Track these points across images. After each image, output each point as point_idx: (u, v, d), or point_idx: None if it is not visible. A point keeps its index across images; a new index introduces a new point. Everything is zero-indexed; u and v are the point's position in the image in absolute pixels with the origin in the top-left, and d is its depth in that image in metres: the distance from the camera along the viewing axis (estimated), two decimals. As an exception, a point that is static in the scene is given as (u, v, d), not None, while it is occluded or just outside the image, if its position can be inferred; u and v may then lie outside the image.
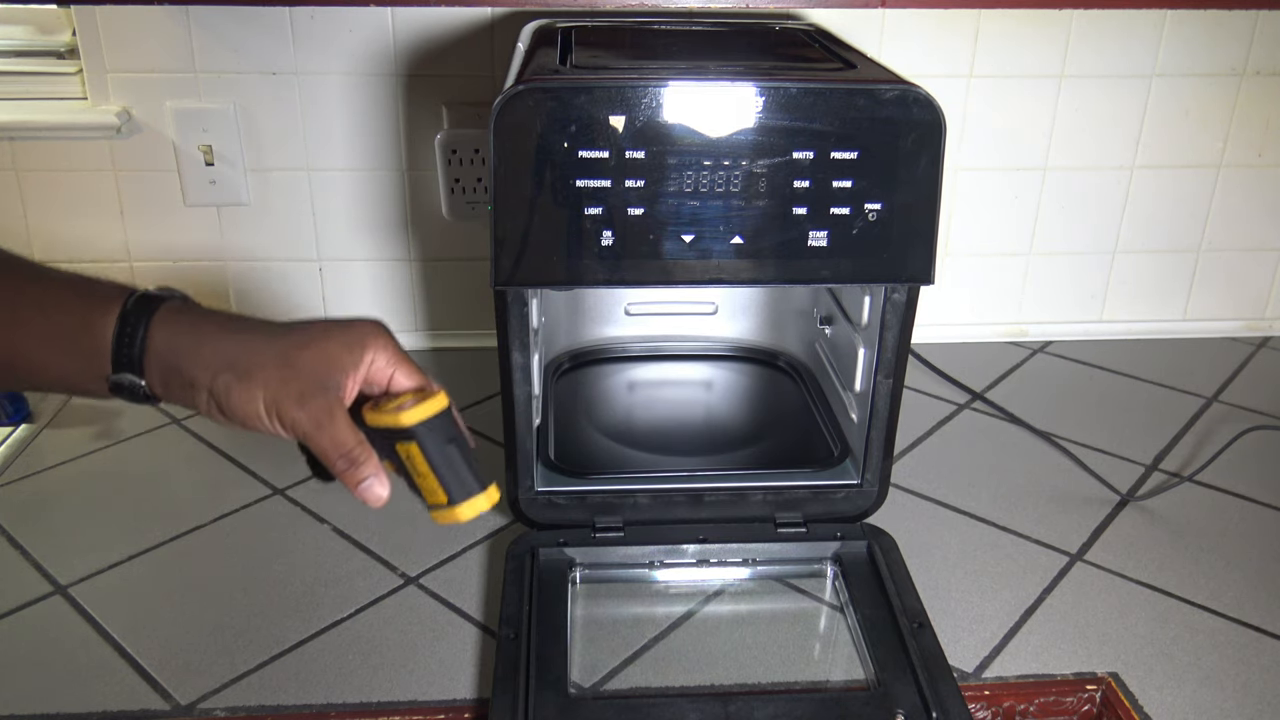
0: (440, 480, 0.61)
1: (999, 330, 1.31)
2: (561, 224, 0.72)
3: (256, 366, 0.59)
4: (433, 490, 0.61)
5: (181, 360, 0.59)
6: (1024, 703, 0.75)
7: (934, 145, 0.71)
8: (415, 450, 0.61)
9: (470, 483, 0.62)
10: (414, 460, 0.61)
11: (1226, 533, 0.92)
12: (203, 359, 0.59)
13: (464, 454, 0.62)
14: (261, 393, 0.58)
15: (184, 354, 0.59)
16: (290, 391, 0.58)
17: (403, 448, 0.61)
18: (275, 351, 0.60)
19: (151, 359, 0.59)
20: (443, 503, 0.61)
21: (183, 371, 0.59)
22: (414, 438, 0.60)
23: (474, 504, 0.61)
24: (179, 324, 0.60)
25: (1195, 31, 1.17)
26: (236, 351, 0.59)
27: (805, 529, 0.86)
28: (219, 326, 0.61)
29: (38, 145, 1.13)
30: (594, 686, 0.73)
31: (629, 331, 1.13)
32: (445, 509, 0.61)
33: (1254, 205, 1.26)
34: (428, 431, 0.61)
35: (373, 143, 1.16)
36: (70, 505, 0.95)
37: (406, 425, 0.60)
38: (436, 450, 0.61)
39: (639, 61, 0.82)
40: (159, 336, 0.59)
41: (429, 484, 0.61)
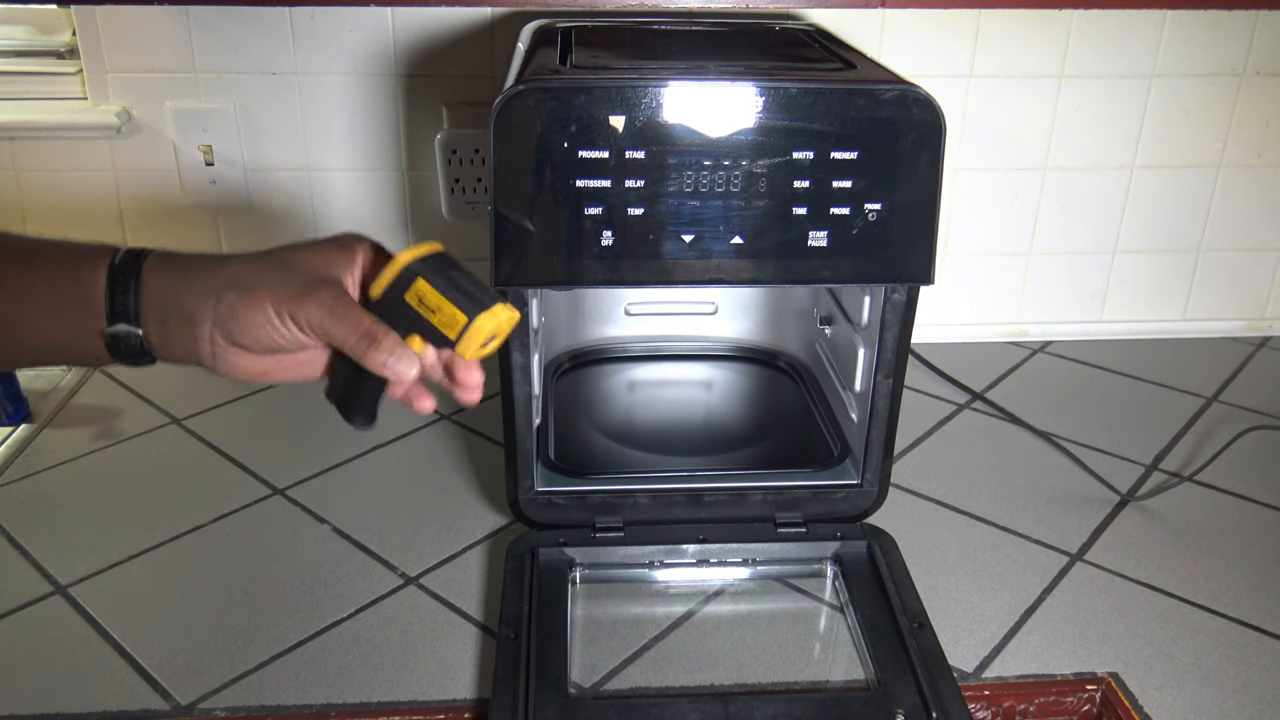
0: (454, 302, 0.60)
1: (999, 330, 1.31)
2: (561, 224, 0.72)
3: (257, 278, 0.59)
4: (451, 319, 0.60)
5: (180, 294, 0.58)
6: (1024, 703, 0.75)
7: (934, 145, 0.71)
8: (423, 284, 0.60)
9: (484, 297, 0.60)
10: (425, 298, 0.60)
11: (1226, 533, 0.92)
12: (201, 286, 0.58)
13: (471, 277, 0.61)
14: (268, 298, 0.58)
15: (181, 288, 0.59)
16: (296, 290, 0.58)
17: (412, 294, 0.60)
18: (271, 263, 0.60)
19: (147, 303, 0.58)
20: (463, 323, 0.59)
21: (182, 304, 0.58)
22: (417, 274, 0.60)
23: (494, 312, 0.60)
24: (170, 265, 0.60)
25: (1195, 31, 1.17)
26: (233, 272, 0.59)
27: (805, 529, 0.86)
28: (210, 259, 0.60)
29: (38, 145, 1.14)
30: (594, 686, 0.73)
31: (629, 331, 1.13)
32: (467, 330, 0.59)
33: (1254, 205, 1.26)
34: (428, 265, 0.61)
35: (373, 143, 1.16)
36: (70, 505, 0.95)
37: (406, 263, 0.60)
38: (440, 277, 0.60)
39: (639, 61, 0.82)
40: (152, 279, 0.58)
41: (445, 315, 0.60)
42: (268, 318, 0.58)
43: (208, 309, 0.58)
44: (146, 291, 0.58)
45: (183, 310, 0.58)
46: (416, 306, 0.60)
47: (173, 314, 0.58)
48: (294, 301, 0.58)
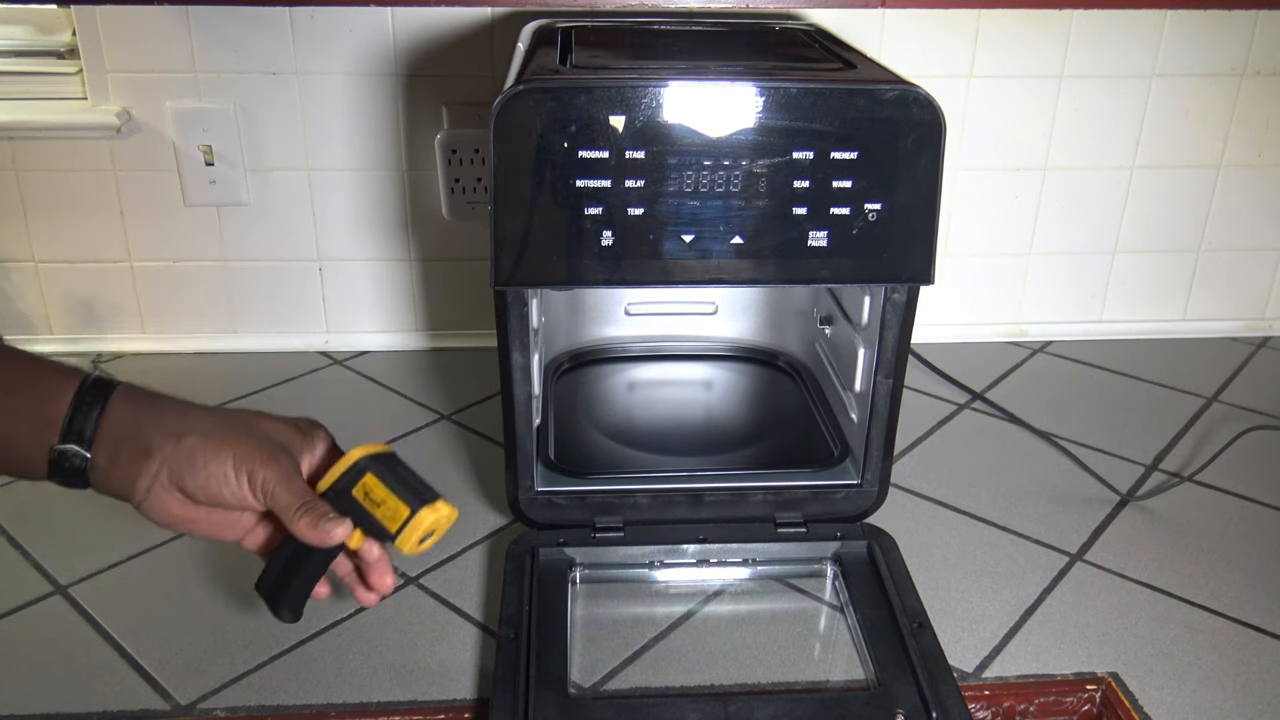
0: (399, 495, 0.63)
1: (999, 330, 1.31)
2: (561, 224, 0.72)
3: (223, 432, 0.61)
4: (394, 512, 0.63)
5: (141, 427, 0.60)
6: (1024, 703, 0.75)
7: (934, 145, 0.71)
8: (370, 479, 0.63)
9: (427, 494, 0.64)
10: (372, 493, 0.63)
11: (1226, 533, 0.92)
12: (165, 425, 0.60)
13: (417, 476, 0.65)
14: (231, 452, 0.60)
15: (144, 422, 0.60)
16: (260, 452, 0.61)
17: (359, 489, 0.63)
18: (238, 422, 0.63)
19: (106, 430, 0.59)
20: (405, 516, 0.63)
21: (140, 438, 0.60)
22: (366, 470, 0.63)
23: (435, 508, 0.63)
24: (138, 396, 0.62)
25: (1195, 31, 1.17)
26: (201, 419, 0.62)
27: (805, 529, 0.86)
28: (179, 401, 0.63)
29: (38, 145, 1.14)
30: (594, 686, 0.73)
31: (629, 331, 1.13)
32: (409, 522, 0.62)
33: (1254, 205, 1.26)
34: (378, 462, 0.64)
35: (373, 143, 1.16)
36: (70, 505, 0.95)
37: (357, 459, 0.64)
38: (389, 473, 0.64)
39: (639, 61, 0.82)
40: (118, 409, 0.60)
41: (389, 508, 0.63)
42: (225, 469, 0.60)
43: (167, 447, 0.60)
44: (109, 419, 0.60)
45: (141, 443, 0.60)
46: (362, 500, 0.63)
47: (129, 445, 0.60)
48: (255, 462, 0.60)
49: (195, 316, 1.23)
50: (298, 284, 1.22)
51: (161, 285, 1.21)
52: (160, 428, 0.60)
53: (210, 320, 1.23)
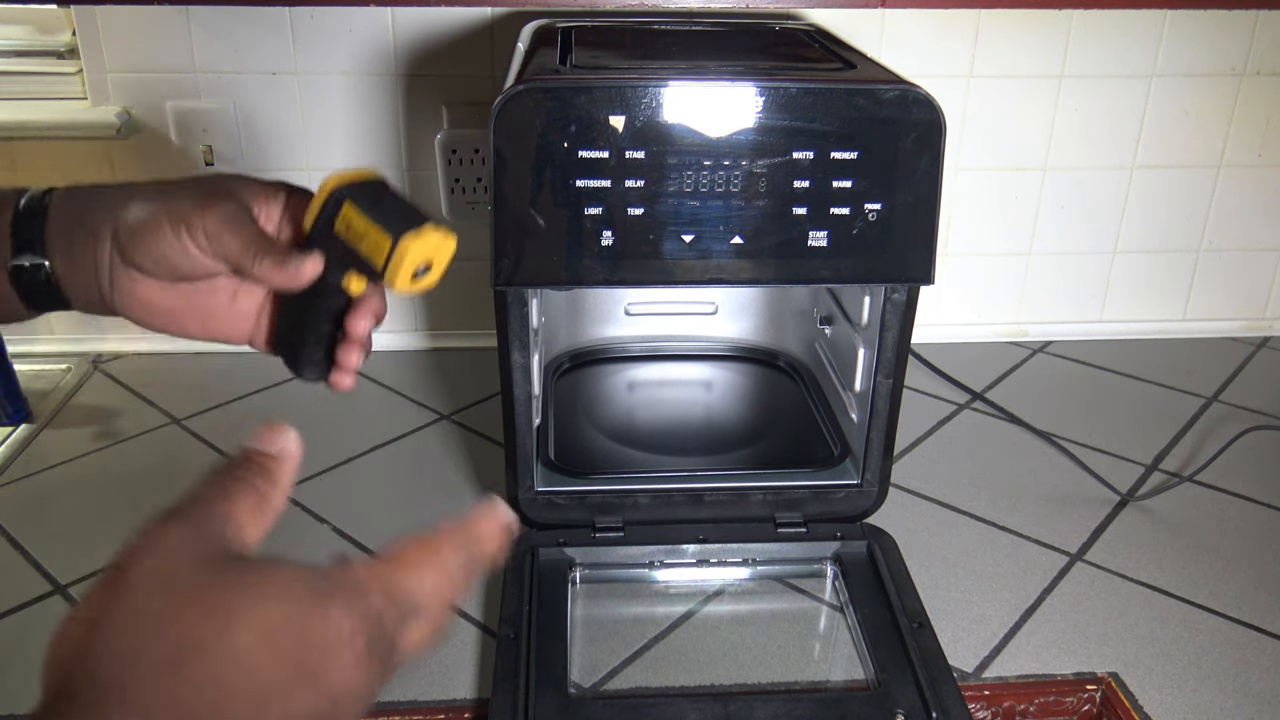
0: (380, 225, 0.53)
1: (999, 330, 1.31)
2: (561, 224, 0.72)
3: (161, 194, 0.56)
4: (378, 243, 0.53)
5: (84, 212, 0.56)
6: (1024, 703, 0.75)
7: (934, 145, 0.71)
8: (349, 210, 0.54)
9: (413, 219, 0.54)
10: (353, 225, 0.54)
11: (1226, 533, 0.92)
12: (106, 202, 0.56)
13: (405, 202, 0.55)
14: (166, 210, 0.54)
15: (86, 206, 0.56)
16: (196, 203, 0.55)
17: (340, 222, 0.54)
18: (182, 181, 0.57)
19: (54, 228, 0.56)
20: (388, 247, 0.53)
21: (85, 220, 0.56)
22: (344, 199, 0.54)
23: (422, 235, 0.53)
24: (80, 191, 0.57)
25: (1195, 31, 1.17)
26: (143, 189, 0.56)
27: (805, 529, 0.86)
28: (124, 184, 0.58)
29: (38, 145, 1.13)
30: (594, 686, 0.73)
31: (629, 331, 1.13)
32: (394, 255, 0.53)
33: (1254, 205, 1.26)
34: (358, 190, 0.55)
35: (373, 143, 1.16)
36: (70, 505, 0.95)
37: (332, 188, 0.55)
38: (371, 201, 0.54)
39: (639, 61, 0.82)
40: (61, 206, 0.56)
41: (371, 240, 0.53)
42: (161, 228, 0.54)
43: (109, 223, 0.55)
44: (52, 220, 0.56)
45: (86, 226, 0.55)
46: (346, 235, 0.54)
47: (79, 234, 0.56)
48: (192, 213, 0.54)
49: (195, 316, 1.23)
50: (298, 284, 1.22)
51: (161, 285, 1.21)
52: (102, 206, 0.56)
53: (210, 320, 1.23)
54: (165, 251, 0.55)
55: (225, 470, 0.41)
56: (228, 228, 0.54)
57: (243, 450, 0.42)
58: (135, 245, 0.55)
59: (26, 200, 0.57)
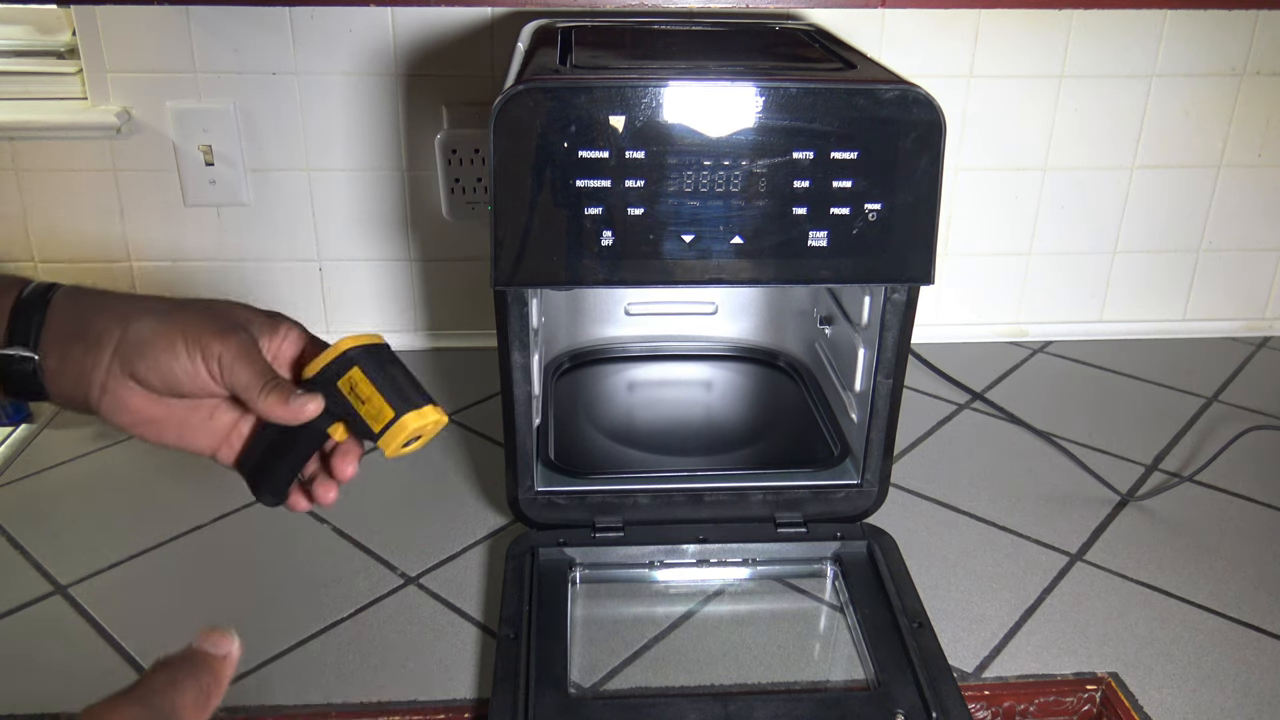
0: (384, 396, 0.58)
1: (999, 330, 1.31)
2: (561, 224, 0.72)
3: (174, 312, 0.57)
4: (378, 411, 0.58)
5: (89, 317, 0.57)
6: (1024, 703, 0.75)
7: (934, 145, 0.71)
8: (357, 374, 0.59)
9: (415, 397, 0.59)
10: (357, 387, 0.58)
11: (1226, 533, 0.92)
12: (113, 312, 0.57)
13: (408, 375, 0.60)
14: (181, 331, 0.56)
15: (90, 313, 0.57)
16: (213, 329, 0.57)
17: (344, 382, 0.59)
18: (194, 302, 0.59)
19: (51, 329, 0.56)
20: (390, 418, 0.58)
21: (90, 326, 0.56)
22: (354, 362, 0.59)
23: (422, 413, 0.59)
24: (83, 295, 0.58)
25: (1195, 31, 1.17)
26: (152, 303, 0.58)
27: (805, 529, 0.86)
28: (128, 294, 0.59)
29: (38, 145, 1.13)
30: (594, 686, 0.73)
31: (629, 331, 1.13)
32: (393, 425, 0.58)
33: (1254, 205, 1.26)
34: (367, 355, 0.59)
35: (373, 143, 1.16)
36: (70, 505, 0.95)
37: (345, 349, 0.59)
38: (377, 369, 0.59)
39: (639, 61, 0.82)
40: (61, 307, 0.57)
41: (373, 406, 0.58)
42: (176, 347, 0.56)
43: (116, 332, 0.56)
44: (53, 318, 0.57)
45: (89, 333, 0.57)
46: (347, 394, 0.59)
47: (79, 338, 0.57)
48: (208, 337, 0.56)
49: (195, 316, 1.23)
50: (298, 284, 1.22)
51: (161, 285, 1.21)
52: (107, 315, 0.57)
53: (210, 320, 1.23)
54: (176, 371, 0.57)
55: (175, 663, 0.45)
56: (241, 359, 0.57)
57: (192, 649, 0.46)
58: (144, 360, 0.56)
59: (29, 291, 0.58)
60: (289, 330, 0.62)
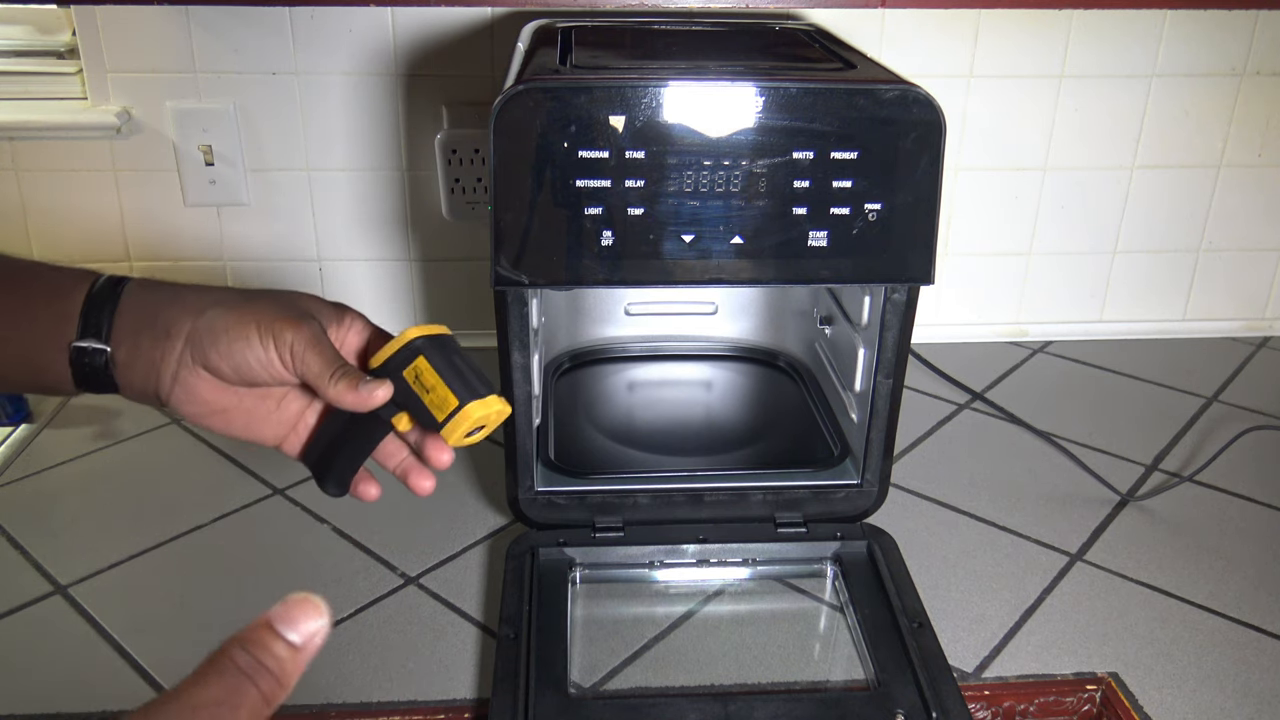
0: (449, 385, 0.59)
1: (999, 330, 1.31)
2: (561, 224, 0.72)
3: (246, 301, 0.58)
4: (443, 400, 0.59)
5: (162, 308, 0.58)
6: (1024, 703, 0.75)
7: (934, 145, 0.71)
8: (423, 363, 0.60)
9: (480, 386, 0.60)
10: (422, 376, 0.60)
11: (1226, 533, 0.92)
12: (184, 303, 0.58)
13: (472, 365, 0.61)
14: (254, 317, 0.57)
15: (161, 304, 0.58)
16: (285, 317, 0.58)
17: (410, 371, 0.60)
18: (262, 293, 0.60)
19: (122, 321, 0.57)
20: (454, 406, 0.59)
21: (161, 318, 0.57)
22: (420, 351, 0.60)
23: (486, 402, 0.60)
24: (154, 286, 0.59)
25: (1195, 31, 1.17)
26: (223, 294, 0.59)
27: (805, 529, 0.86)
28: (199, 285, 0.60)
29: (38, 145, 1.13)
30: (594, 686, 0.73)
31: (629, 331, 1.13)
32: (455, 415, 0.59)
33: (1254, 205, 1.26)
34: (433, 345, 0.61)
35: (373, 143, 1.16)
36: (70, 505, 0.95)
37: (412, 339, 0.60)
38: (442, 359, 0.60)
39: (639, 61, 0.82)
40: (132, 298, 0.58)
41: (438, 395, 0.59)
42: (250, 336, 0.57)
43: (187, 322, 0.57)
44: (124, 310, 0.58)
45: (161, 324, 0.57)
46: (412, 383, 0.60)
47: (149, 329, 0.57)
48: (281, 325, 0.57)
49: (195, 316, 1.23)
50: (298, 284, 1.22)
51: (161, 285, 1.21)
52: (179, 306, 0.58)
53: (210, 320, 1.23)
54: (249, 359, 0.57)
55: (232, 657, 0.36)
56: (312, 347, 0.58)
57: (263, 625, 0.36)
58: (218, 349, 0.57)
59: (100, 285, 0.58)
60: (354, 320, 0.63)
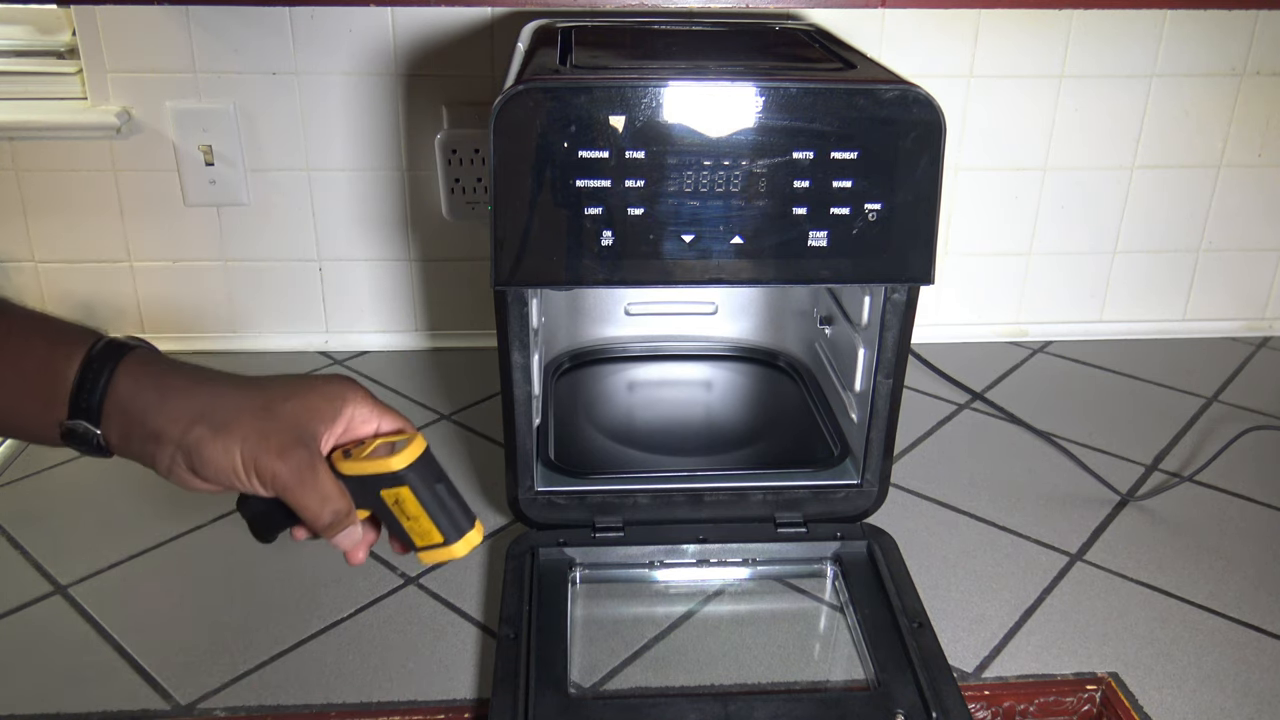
0: (434, 521, 0.61)
1: (999, 330, 1.31)
2: (561, 224, 0.72)
3: (232, 418, 0.57)
4: (425, 532, 0.62)
5: (147, 413, 0.57)
6: (1024, 703, 0.75)
7: (934, 145, 0.71)
8: (406, 494, 0.61)
9: (461, 521, 0.62)
10: (404, 504, 0.61)
11: (1226, 533, 0.92)
12: (172, 411, 0.57)
13: (451, 492, 0.63)
14: (239, 446, 0.57)
15: (150, 407, 0.57)
16: (270, 445, 0.57)
17: (389, 493, 0.61)
18: (252, 403, 0.58)
19: (111, 409, 0.57)
20: (437, 542, 0.62)
21: (147, 425, 0.57)
22: (404, 482, 0.60)
23: (468, 540, 0.62)
24: (146, 375, 0.58)
25: (1195, 31, 1.17)
26: (209, 404, 0.58)
27: (805, 529, 0.86)
28: (188, 379, 0.59)
29: (38, 145, 1.13)
30: (594, 686, 0.73)
31: (629, 331, 1.13)
32: (439, 548, 0.62)
33: (1254, 205, 1.26)
34: (417, 474, 0.61)
35: (373, 143, 1.16)
36: (70, 505, 0.95)
37: (397, 470, 0.60)
38: (427, 491, 0.61)
39: (639, 61, 0.82)
40: (123, 386, 0.57)
41: (421, 526, 0.62)
42: (233, 465, 0.57)
43: (174, 434, 0.57)
44: (114, 396, 0.57)
45: (148, 428, 0.57)
46: (391, 506, 0.61)
47: (137, 430, 0.58)
48: (264, 457, 0.57)
49: (195, 316, 1.23)
50: (298, 284, 1.22)
51: (161, 285, 1.21)
52: (165, 414, 0.57)
53: (210, 320, 1.23)
54: (232, 481, 0.58)
55: None
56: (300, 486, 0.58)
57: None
58: (202, 465, 0.58)
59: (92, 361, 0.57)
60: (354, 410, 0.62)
